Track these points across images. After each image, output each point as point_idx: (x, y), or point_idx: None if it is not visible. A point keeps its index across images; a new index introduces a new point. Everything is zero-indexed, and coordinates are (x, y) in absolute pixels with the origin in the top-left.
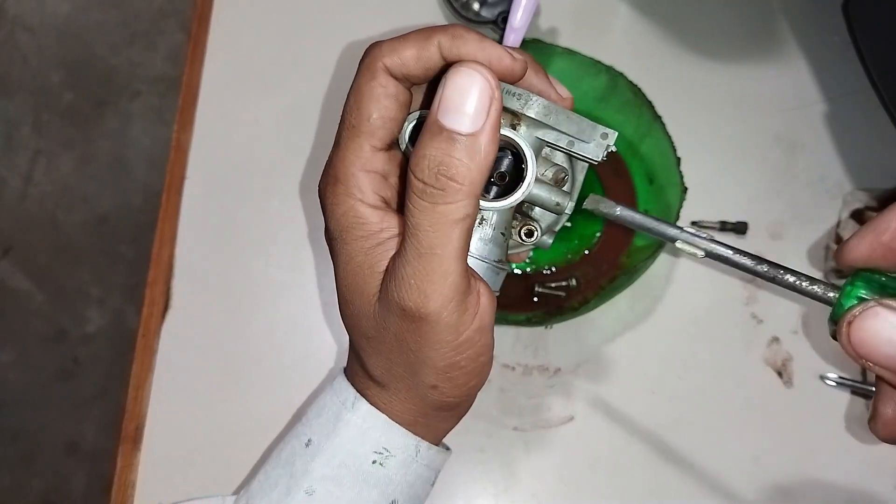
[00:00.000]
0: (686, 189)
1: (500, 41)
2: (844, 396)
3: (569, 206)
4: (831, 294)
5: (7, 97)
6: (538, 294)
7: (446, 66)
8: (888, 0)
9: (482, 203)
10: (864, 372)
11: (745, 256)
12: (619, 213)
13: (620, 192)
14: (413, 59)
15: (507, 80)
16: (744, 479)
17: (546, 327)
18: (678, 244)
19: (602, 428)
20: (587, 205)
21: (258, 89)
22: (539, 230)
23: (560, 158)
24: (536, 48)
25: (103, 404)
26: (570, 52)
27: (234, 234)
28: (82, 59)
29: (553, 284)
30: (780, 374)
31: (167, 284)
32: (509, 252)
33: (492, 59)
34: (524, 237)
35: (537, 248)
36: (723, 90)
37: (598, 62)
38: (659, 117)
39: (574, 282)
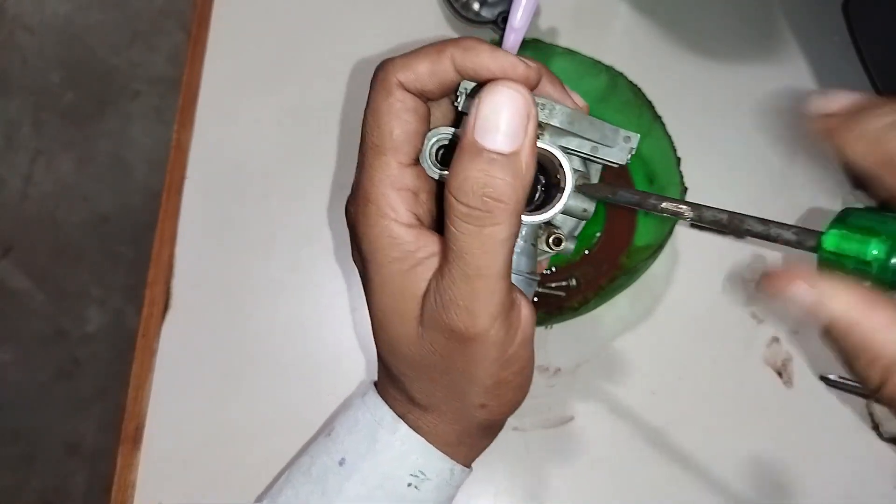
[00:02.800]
0: (686, 189)
1: (500, 41)
2: (844, 396)
3: (593, 209)
4: (811, 243)
5: (7, 97)
6: (538, 294)
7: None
8: (888, 0)
9: (522, 217)
10: None
11: (721, 213)
12: (606, 193)
13: None
14: (427, 73)
15: None
16: (744, 479)
17: (546, 327)
18: (662, 209)
19: (602, 428)
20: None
21: (258, 89)
22: (564, 237)
23: (577, 163)
24: (536, 48)
25: (103, 404)
26: (570, 52)
27: (234, 234)
28: (82, 59)
29: (553, 284)
30: (780, 374)
31: (167, 284)
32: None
33: (506, 68)
34: (552, 245)
35: (560, 254)
36: (723, 90)
37: (598, 62)
38: (659, 117)
39: (574, 282)
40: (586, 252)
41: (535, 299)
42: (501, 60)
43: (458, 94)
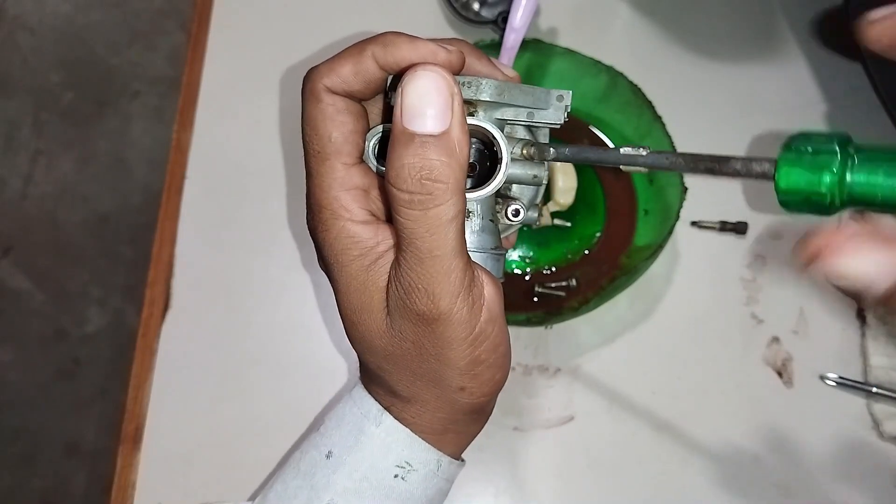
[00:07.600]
0: (686, 189)
1: (500, 41)
2: (844, 396)
3: (545, 175)
4: (767, 167)
5: (7, 97)
6: (538, 294)
7: (392, 77)
8: (888, 0)
9: (466, 195)
10: (864, 372)
11: (672, 157)
12: (561, 152)
13: (620, 192)
14: (351, 74)
15: None
16: (744, 478)
17: (546, 327)
18: (622, 168)
19: (602, 428)
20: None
21: (258, 89)
22: (523, 207)
23: (522, 132)
24: (536, 48)
25: (103, 404)
26: (570, 52)
27: (234, 234)
28: (82, 59)
29: (553, 284)
30: (780, 374)
31: (167, 284)
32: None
33: (426, 56)
34: (512, 217)
35: (526, 224)
36: (723, 90)
37: (598, 62)
38: (659, 117)
39: (574, 282)
40: (586, 252)
41: (535, 299)
42: (422, 50)
43: (388, 90)
